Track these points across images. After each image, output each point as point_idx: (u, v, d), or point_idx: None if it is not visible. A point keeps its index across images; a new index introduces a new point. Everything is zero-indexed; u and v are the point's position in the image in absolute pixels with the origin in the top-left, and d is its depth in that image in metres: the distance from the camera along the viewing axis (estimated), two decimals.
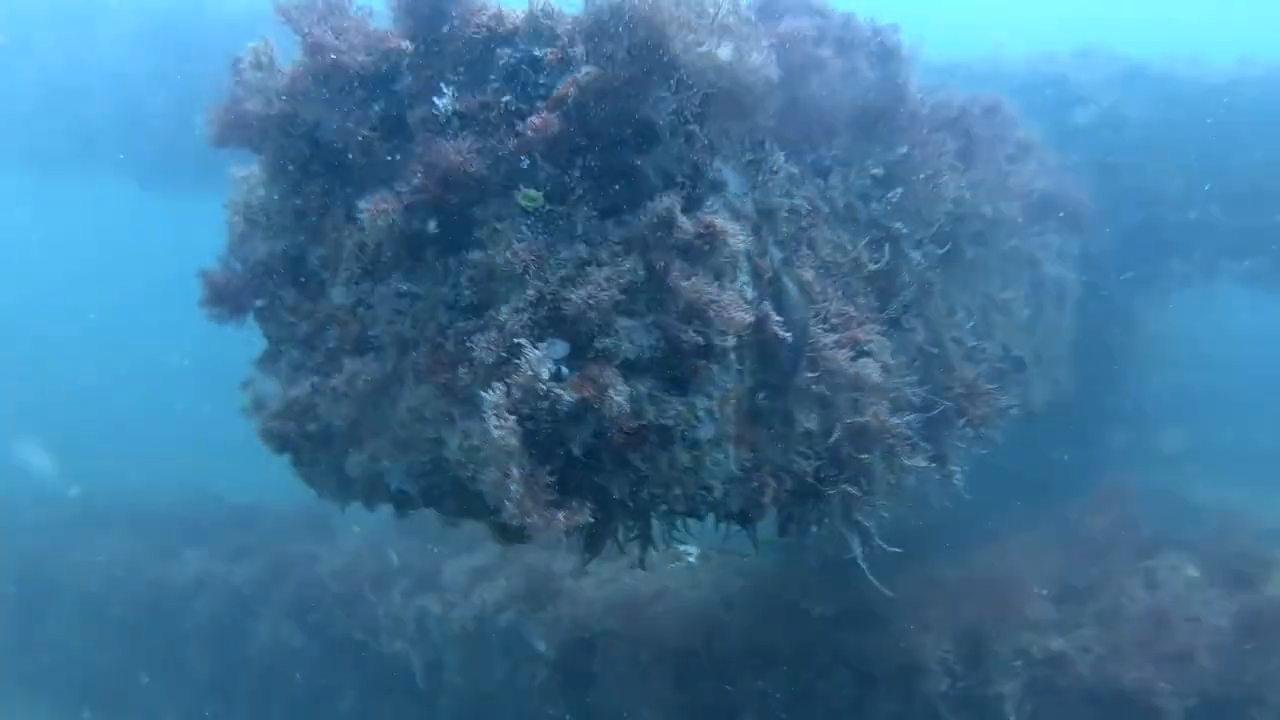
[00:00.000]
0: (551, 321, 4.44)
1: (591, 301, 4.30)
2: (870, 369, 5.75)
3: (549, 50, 4.47)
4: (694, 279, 4.53)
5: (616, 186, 4.47)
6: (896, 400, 6.52)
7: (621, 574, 10.68)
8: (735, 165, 5.18)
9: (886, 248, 6.50)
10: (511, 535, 5.04)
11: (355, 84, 4.88)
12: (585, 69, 4.32)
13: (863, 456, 6.34)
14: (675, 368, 4.69)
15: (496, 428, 4.15)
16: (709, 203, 4.85)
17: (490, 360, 4.42)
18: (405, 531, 11.57)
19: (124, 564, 14.82)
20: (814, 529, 7.64)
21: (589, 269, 4.42)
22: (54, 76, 16.71)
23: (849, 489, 6.39)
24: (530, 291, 4.40)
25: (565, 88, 4.30)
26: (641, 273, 4.47)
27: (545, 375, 4.32)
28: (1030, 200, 9.56)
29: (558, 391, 4.31)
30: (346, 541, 13.43)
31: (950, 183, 6.85)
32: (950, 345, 8.24)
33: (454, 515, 5.03)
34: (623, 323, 4.48)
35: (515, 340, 4.35)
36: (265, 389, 5.51)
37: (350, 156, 5.07)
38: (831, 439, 6.21)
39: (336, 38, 4.92)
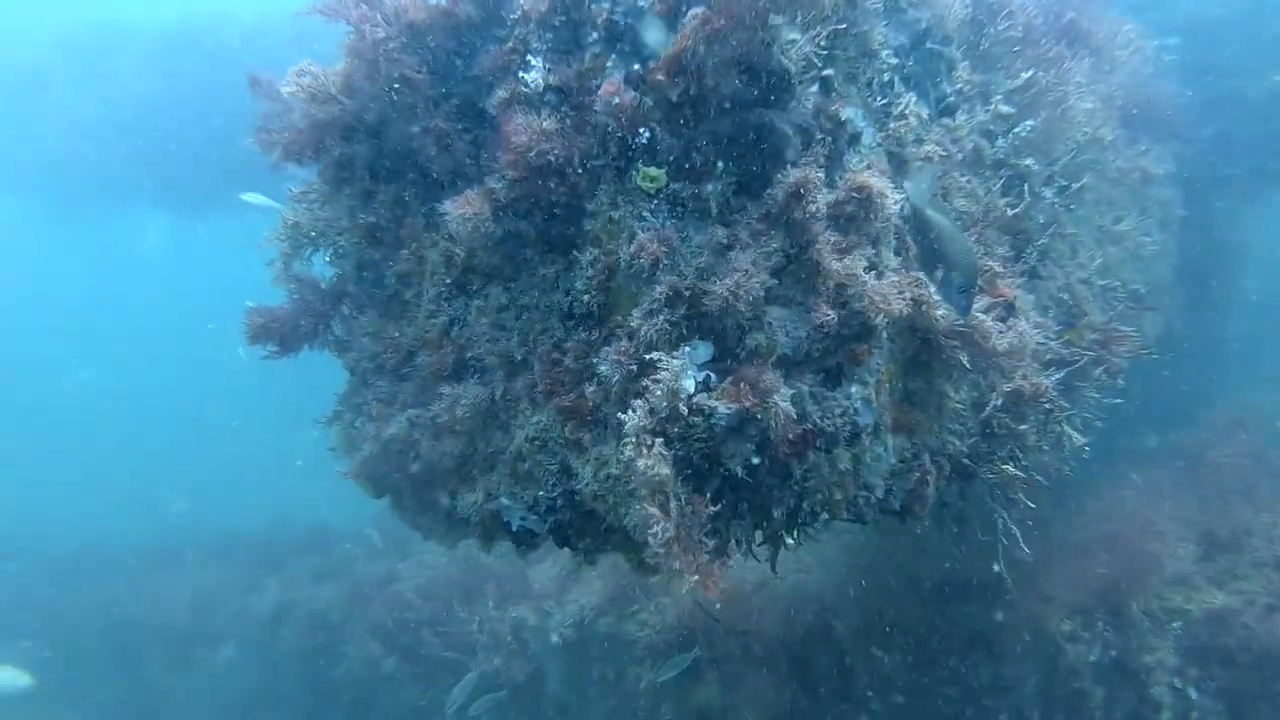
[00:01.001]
0: (692, 321, 3.76)
1: (739, 292, 3.60)
2: (1021, 330, 5.00)
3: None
4: (846, 257, 3.82)
5: (751, 152, 3.75)
6: (1041, 358, 5.79)
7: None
8: (866, 112, 4.43)
9: (1024, 188, 5.72)
10: (653, 569, 4.41)
11: (422, 70, 4.19)
12: (695, 10, 3.58)
13: (1020, 427, 5.63)
14: (831, 356, 4.01)
15: (643, 458, 3.49)
16: (849, 158, 4.13)
17: (623, 375, 3.76)
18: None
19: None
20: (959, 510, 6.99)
21: (730, 254, 3.72)
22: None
23: (1008, 468, 5.69)
24: (663, 288, 3.71)
25: (682, 39, 3.57)
26: (791, 250, 3.76)
27: (692, 387, 3.65)
28: (1129, 114, 8.67)
29: (711, 404, 3.64)
30: (427, 556, 12.98)
31: (1079, 105, 6.02)
32: (1079, 288, 7.45)
33: (591, 552, 4.39)
34: (774, 313, 3.78)
35: (652, 348, 3.67)
36: (355, 427, 4.89)
37: (424, 156, 4.40)
38: (985, 412, 5.50)
39: (389, 23, 4.23)
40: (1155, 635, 8.30)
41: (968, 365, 4.77)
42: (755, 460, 3.75)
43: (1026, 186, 5.79)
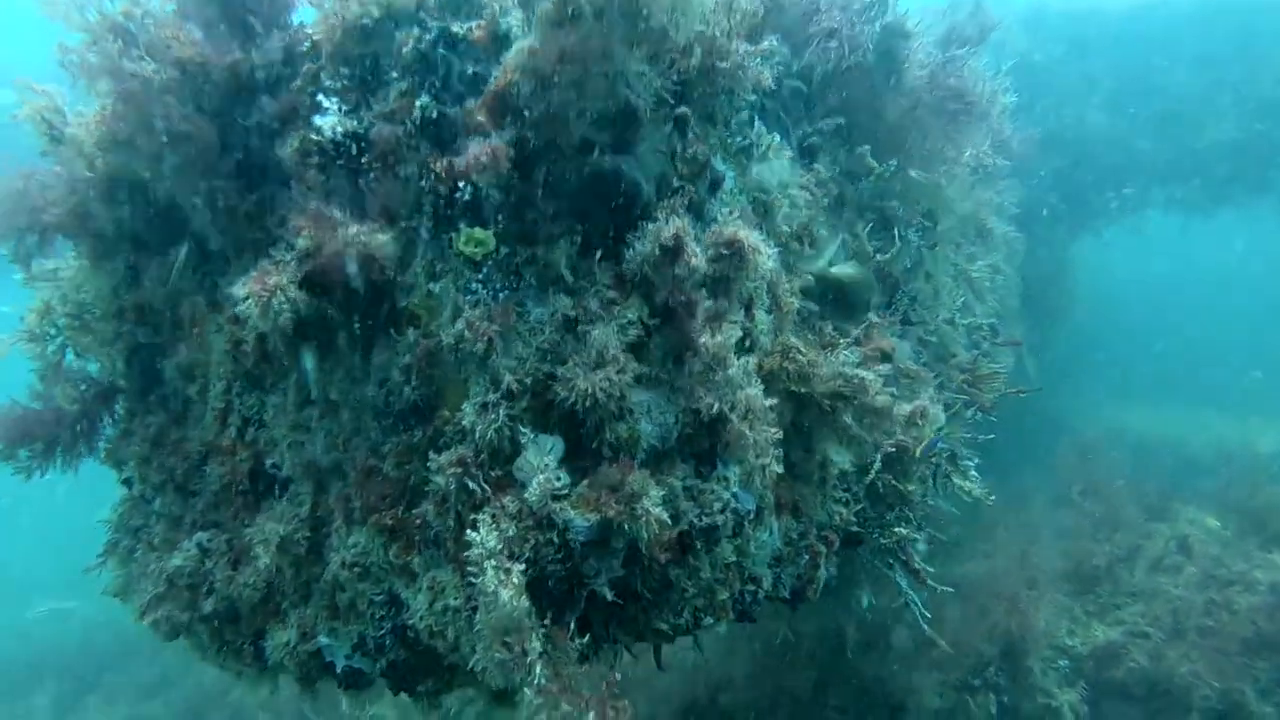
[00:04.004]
0: (537, 413, 3.08)
1: (610, 390, 2.96)
2: (921, 405, 4.62)
3: (473, 25, 3.09)
4: (718, 332, 3.24)
5: (597, 205, 3.14)
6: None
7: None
8: (723, 154, 3.92)
9: (894, 233, 5.38)
10: (512, 703, 3.67)
11: (196, 119, 3.38)
12: (526, 42, 2.95)
13: (908, 486, 5.22)
14: (701, 440, 3.41)
15: (501, 587, 2.77)
16: (712, 207, 3.58)
17: (456, 485, 3.03)
18: None
19: None
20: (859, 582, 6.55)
21: (580, 328, 3.08)
22: None
23: (900, 530, 5.27)
24: (507, 377, 3.02)
25: (505, 74, 2.93)
26: (651, 321, 3.16)
27: (561, 487, 2.97)
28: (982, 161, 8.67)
29: (567, 516, 2.96)
30: None
31: (948, 152, 5.77)
32: (945, 329, 7.24)
33: (434, 695, 3.60)
34: (637, 397, 3.16)
35: (494, 447, 2.97)
36: (134, 559, 3.93)
37: (200, 223, 3.58)
38: (869, 476, 5.06)
39: (151, 66, 3.41)
40: (1046, 676, 8.10)
41: (853, 428, 4.30)
42: (623, 574, 3.09)
43: (896, 231, 5.45)
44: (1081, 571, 8.93)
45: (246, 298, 3.09)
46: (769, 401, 3.45)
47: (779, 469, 3.42)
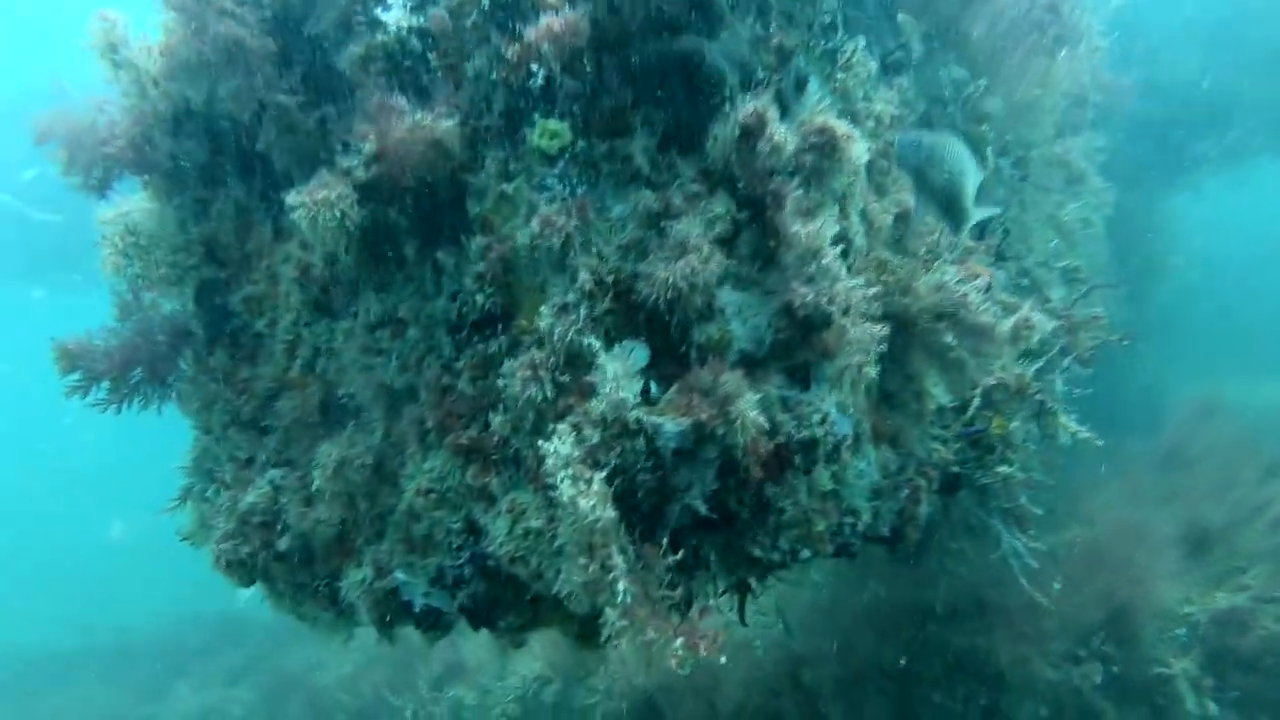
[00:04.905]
0: (619, 315, 2.86)
1: (695, 280, 2.72)
2: (1025, 316, 4.25)
3: None
4: (810, 222, 2.98)
5: (678, 92, 2.91)
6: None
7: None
8: (806, 56, 3.64)
9: (983, 157, 5.01)
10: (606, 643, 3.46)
11: (258, 29, 3.26)
12: None
13: (1010, 425, 4.88)
14: (798, 351, 3.15)
15: (580, 496, 2.56)
16: (797, 106, 3.32)
17: (539, 395, 2.83)
18: None
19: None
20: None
21: (664, 225, 2.85)
22: None
23: (1003, 469, 4.92)
24: (583, 275, 2.81)
25: None
26: (741, 215, 2.91)
27: (630, 399, 2.74)
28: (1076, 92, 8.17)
29: (655, 421, 2.73)
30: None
31: (1039, 70, 5.37)
32: (1039, 271, 6.82)
33: (517, 631, 3.41)
34: (726, 297, 2.91)
35: (574, 349, 2.76)
36: (206, 500, 3.85)
37: (265, 144, 3.46)
38: (968, 413, 4.73)
39: None
40: (1160, 646, 7.57)
41: (955, 350, 3.98)
42: (717, 488, 2.85)
43: (986, 155, 5.09)
44: (1194, 535, 8.35)
45: (297, 207, 2.94)
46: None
47: (873, 373, 3.12)
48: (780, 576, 4.42)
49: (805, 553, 3.48)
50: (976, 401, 4.66)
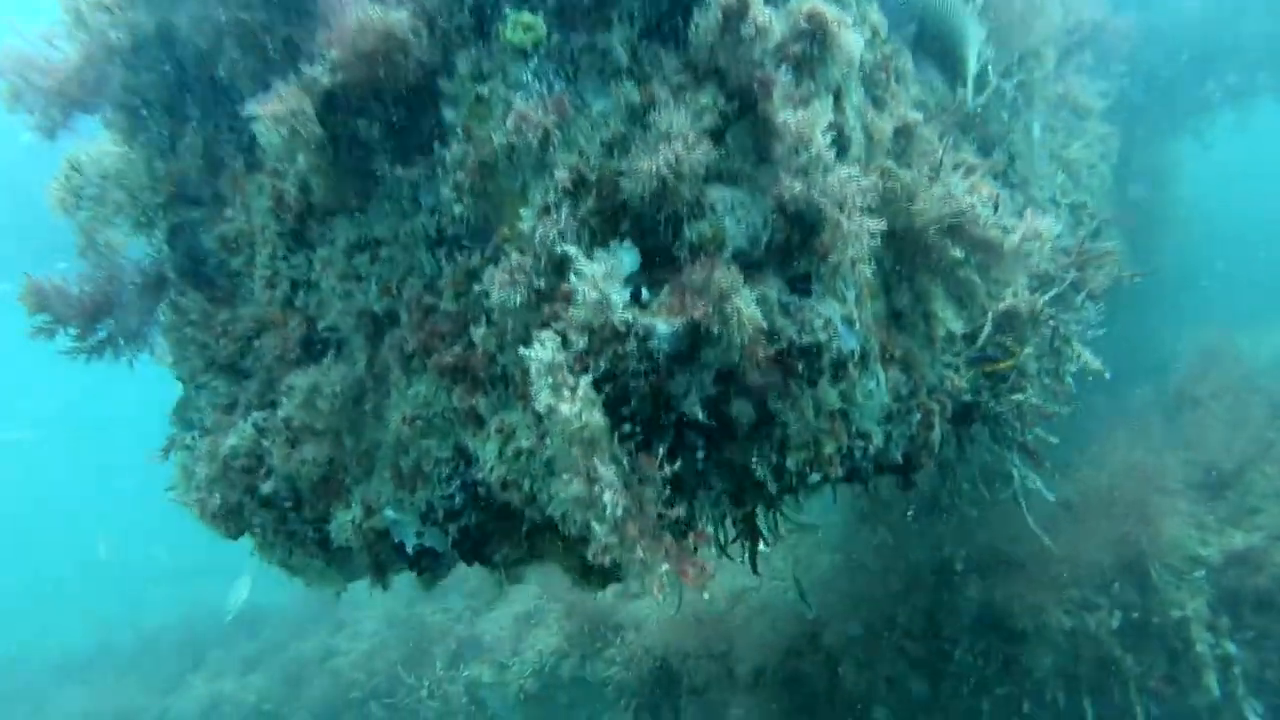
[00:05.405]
0: (605, 217, 2.70)
1: (680, 168, 2.55)
2: (1035, 225, 4.07)
3: None
4: (801, 109, 2.81)
5: None
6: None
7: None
8: None
9: (985, 75, 4.83)
10: (602, 576, 3.31)
11: None
12: None
13: (1023, 351, 4.70)
14: (798, 256, 2.98)
15: (565, 402, 2.40)
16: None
17: (520, 300, 2.67)
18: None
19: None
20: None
21: (649, 118, 2.68)
22: None
23: (1016, 396, 4.75)
24: (562, 173, 2.64)
25: None
26: (730, 105, 2.74)
27: (619, 301, 2.58)
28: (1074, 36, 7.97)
29: (647, 322, 2.57)
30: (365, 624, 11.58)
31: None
32: (1047, 205, 6.63)
33: (513, 564, 3.26)
34: (717, 193, 2.75)
35: (556, 253, 2.60)
36: (187, 447, 3.70)
37: (227, 69, 3.29)
38: (980, 340, 4.56)
39: None
40: (1178, 589, 7.41)
41: (963, 266, 3.81)
42: (715, 394, 2.69)
43: (987, 72, 4.90)
44: (1208, 477, 8.18)
45: (269, 118, 2.78)
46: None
47: (869, 272, 2.95)
48: (790, 520, 4.28)
49: (814, 477, 3.32)
50: (988, 328, 4.49)
